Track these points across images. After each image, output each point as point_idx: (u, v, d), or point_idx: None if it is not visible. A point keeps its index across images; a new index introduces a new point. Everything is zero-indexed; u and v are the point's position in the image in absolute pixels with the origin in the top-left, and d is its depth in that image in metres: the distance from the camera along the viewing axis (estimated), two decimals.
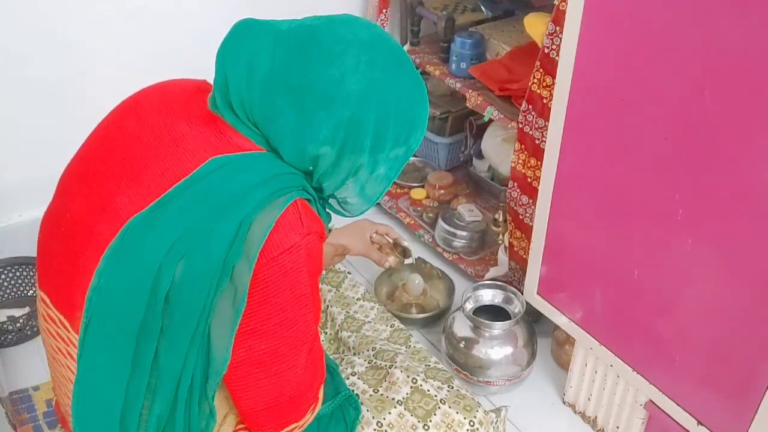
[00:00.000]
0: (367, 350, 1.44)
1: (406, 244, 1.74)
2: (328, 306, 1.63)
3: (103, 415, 0.93)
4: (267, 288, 0.89)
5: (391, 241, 1.72)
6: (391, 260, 1.69)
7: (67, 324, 0.96)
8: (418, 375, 1.30)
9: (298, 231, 0.90)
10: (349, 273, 1.73)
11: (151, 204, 0.90)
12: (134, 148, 0.94)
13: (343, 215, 1.07)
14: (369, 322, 1.56)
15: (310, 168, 0.96)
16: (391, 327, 1.55)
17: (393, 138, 0.96)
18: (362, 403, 1.23)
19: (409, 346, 1.49)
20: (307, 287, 0.93)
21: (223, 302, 0.88)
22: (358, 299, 1.64)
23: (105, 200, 0.92)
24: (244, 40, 0.93)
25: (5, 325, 1.70)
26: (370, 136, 0.93)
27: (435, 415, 1.24)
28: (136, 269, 0.88)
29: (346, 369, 1.33)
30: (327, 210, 1.05)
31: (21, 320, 1.71)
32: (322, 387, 1.07)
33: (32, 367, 1.66)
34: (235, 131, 0.94)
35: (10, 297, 1.84)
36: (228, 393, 1.00)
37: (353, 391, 1.25)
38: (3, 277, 1.82)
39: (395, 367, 1.31)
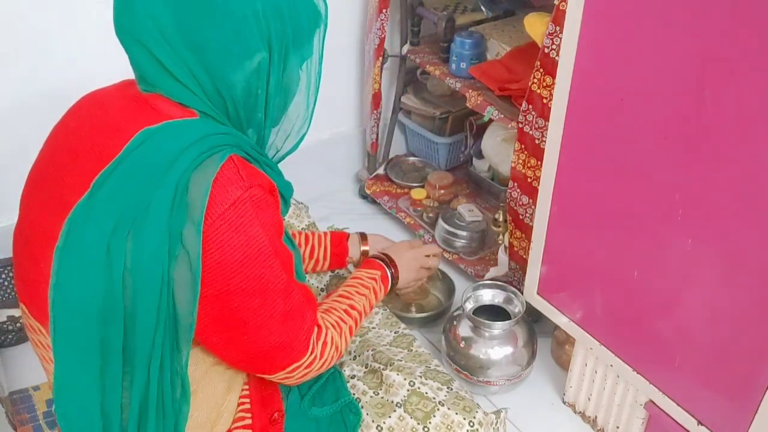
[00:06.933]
0: (367, 351, 1.43)
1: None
2: None
3: (84, 410, 0.92)
4: (222, 248, 0.88)
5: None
6: (434, 261, 1.63)
7: (44, 331, 0.96)
8: (415, 378, 1.29)
9: (238, 185, 0.89)
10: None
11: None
12: (75, 143, 0.95)
13: (296, 147, 1.07)
14: (374, 328, 1.56)
15: (257, 89, 0.94)
16: (395, 333, 1.54)
17: (306, 17, 0.95)
18: (362, 407, 1.23)
19: (411, 349, 1.49)
20: (264, 238, 0.92)
21: (180, 270, 0.87)
22: None
23: (58, 201, 0.92)
24: (134, 3, 0.90)
25: (5, 325, 1.70)
26: (287, 19, 0.92)
27: (434, 416, 1.24)
28: (85, 257, 0.87)
29: (345, 371, 1.32)
30: (281, 173, 1.04)
31: (21, 320, 1.71)
32: (325, 332, 1.09)
33: (32, 367, 1.65)
34: (169, 101, 0.93)
35: (10, 297, 1.83)
36: (216, 395, 1.00)
37: (353, 393, 1.25)
38: (3, 277, 1.82)
39: (391, 370, 1.30)
